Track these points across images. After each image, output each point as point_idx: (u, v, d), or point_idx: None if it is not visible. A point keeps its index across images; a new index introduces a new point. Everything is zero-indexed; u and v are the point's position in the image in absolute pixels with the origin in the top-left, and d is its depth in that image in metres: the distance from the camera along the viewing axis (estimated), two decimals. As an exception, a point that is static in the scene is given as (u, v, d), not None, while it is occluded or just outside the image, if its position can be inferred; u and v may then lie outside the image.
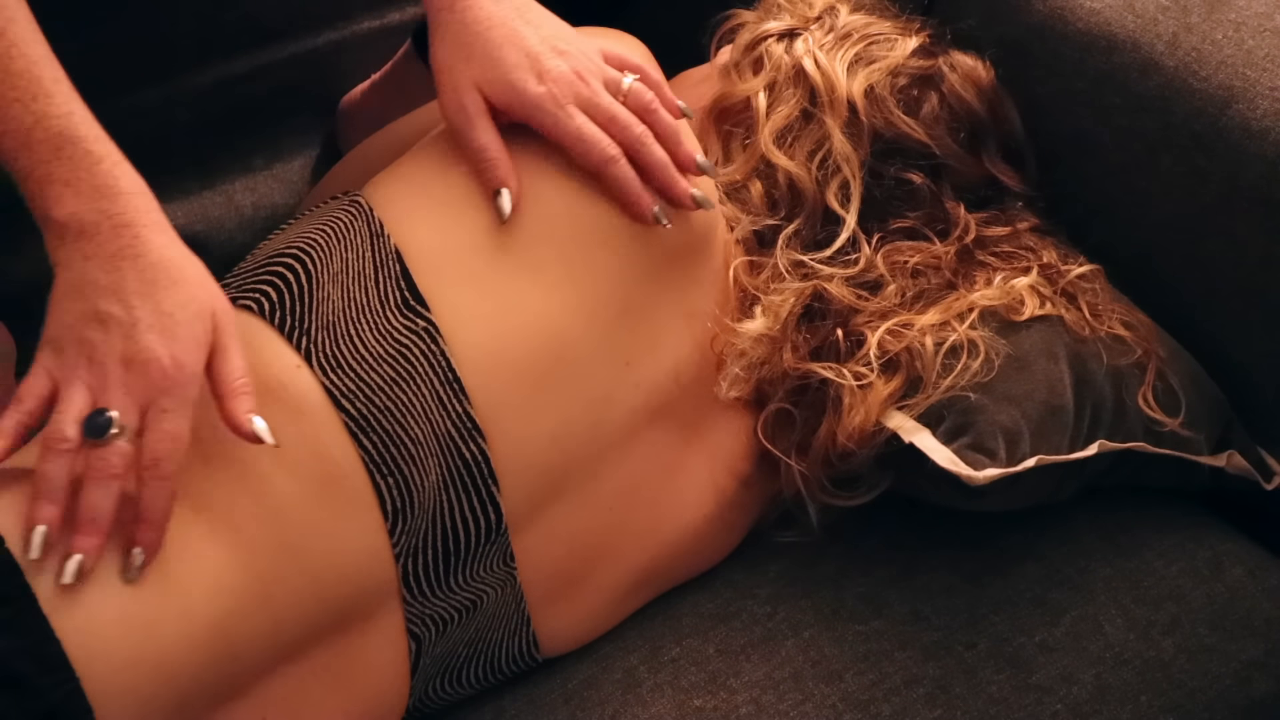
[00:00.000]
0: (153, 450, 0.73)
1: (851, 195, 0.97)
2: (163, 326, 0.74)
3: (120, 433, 0.73)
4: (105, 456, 0.72)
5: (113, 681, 0.72)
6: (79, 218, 0.74)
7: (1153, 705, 0.92)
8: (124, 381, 0.73)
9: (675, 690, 0.92)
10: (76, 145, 0.75)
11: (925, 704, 0.91)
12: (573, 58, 0.87)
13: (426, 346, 0.83)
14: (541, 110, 0.86)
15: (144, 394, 0.73)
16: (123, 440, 0.73)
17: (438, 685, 0.89)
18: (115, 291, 0.74)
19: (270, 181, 1.12)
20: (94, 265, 0.74)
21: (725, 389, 0.94)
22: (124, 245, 0.75)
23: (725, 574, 0.99)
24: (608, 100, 0.87)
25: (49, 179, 0.75)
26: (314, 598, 0.80)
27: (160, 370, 0.73)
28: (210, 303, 0.77)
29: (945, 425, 0.91)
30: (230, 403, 0.76)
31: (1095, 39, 1.06)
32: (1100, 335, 0.96)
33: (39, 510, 0.72)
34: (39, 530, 0.72)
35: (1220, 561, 0.99)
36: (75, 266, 0.75)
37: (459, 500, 0.83)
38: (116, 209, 0.75)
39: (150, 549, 0.74)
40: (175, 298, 0.75)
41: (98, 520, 0.72)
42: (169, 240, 0.77)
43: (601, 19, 0.98)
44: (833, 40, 1.01)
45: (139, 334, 0.73)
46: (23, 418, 0.74)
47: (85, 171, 0.75)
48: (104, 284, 0.74)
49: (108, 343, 0.74)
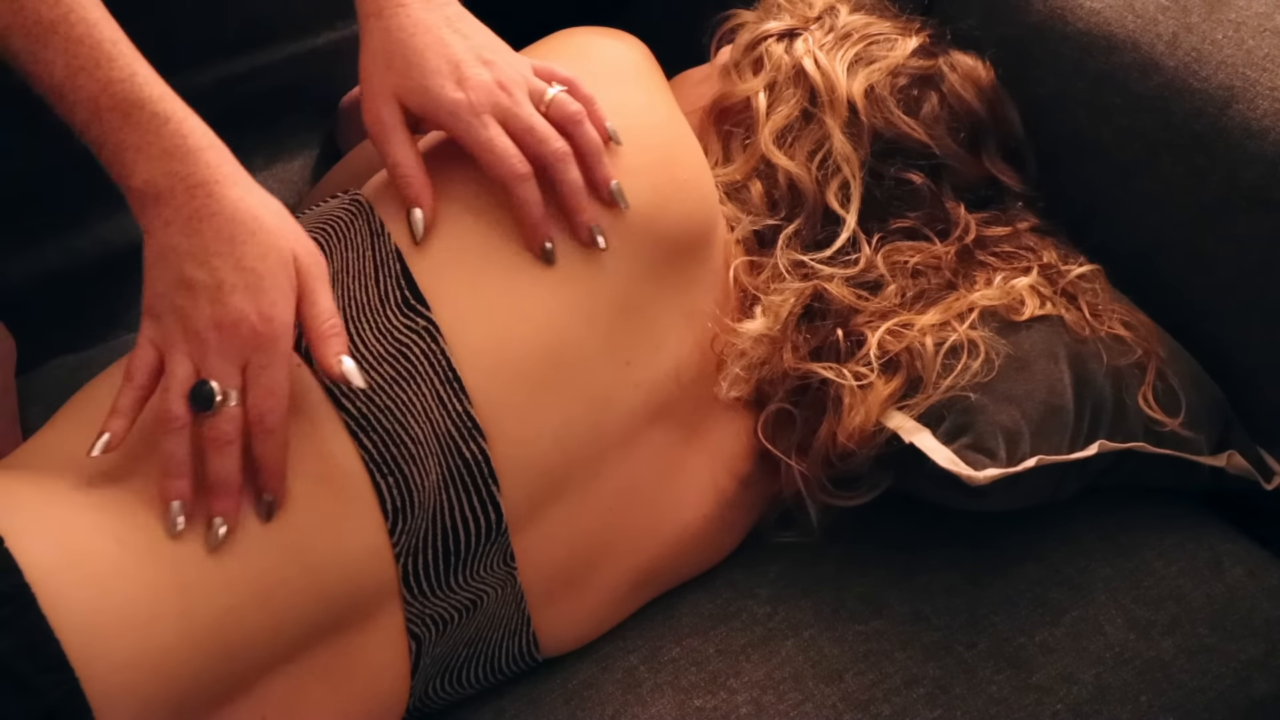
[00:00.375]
0: (256, 408, 0.76)
1: (852, 195, 0.97)
2: (246, 284, 0.75)
3: (224, 399, 0.75)
4: (217, 425, 0.75)
5: (112, 681, 0.71)
6: (154, 183, 0.75)
7: (1153, 705, 0.92)
8: (219, 346, 0.75)
9: (675, 690, 0.92)
10: (143, 109, 0.76)
11: (925, 704, 0.91)
12: (498, 68, 0.85)
13: (427, 346, 0.83)
14: (455, 117, 0.84)
15: (239, 354, 0.75)
16: (229, 405, 0.75)
17: (438, 685, 0.89)
18: (197, 255, 0.75)
19: (270, 181, 1.12)
20: (174, 230, 0.75)
21: (725, 389, 0.94)
22: (199, 206, 0.75)
23: (725, 574, 0.99)
24: (528, 111, 0.85)
25: (121, 146, 0.76)
26: (314, 597, 0.80)
27: (250, 329, 0.75)
28: (291, 247, 0.78)
29: (945, 425, 0.91)
30: (320, 346, 0.78)
31: (1095, 39, 1.06)
32: (1100, 335, 0.96)
33: (170, 487, 0.75)
34: (175, 505, 0.75)
35: (1220, 561, 0.99)
36: (158, 233, 0.76)
37: (459, 500, 0.83)
38: (187, 169, 0.76)
39: (278, 495, 0.77)
40: (255, 251, 0.76)
41: (227, 483, 0.76)
42: (243, 191, 0.77)
43: (601, 19, 0.99)
44: (833, 40, 1.01)
45: (224, 296, 0.75)
46: (137, 393, 0.77)
47: (153, 135, 0.76)
48: (185, 248, 0.75)
49: (197, 309, 0.75)
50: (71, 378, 0.92)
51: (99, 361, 0.90)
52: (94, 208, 1.05)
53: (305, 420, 0.80)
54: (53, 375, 1.01)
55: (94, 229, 1.04)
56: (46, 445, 0.81)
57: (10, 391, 0.99)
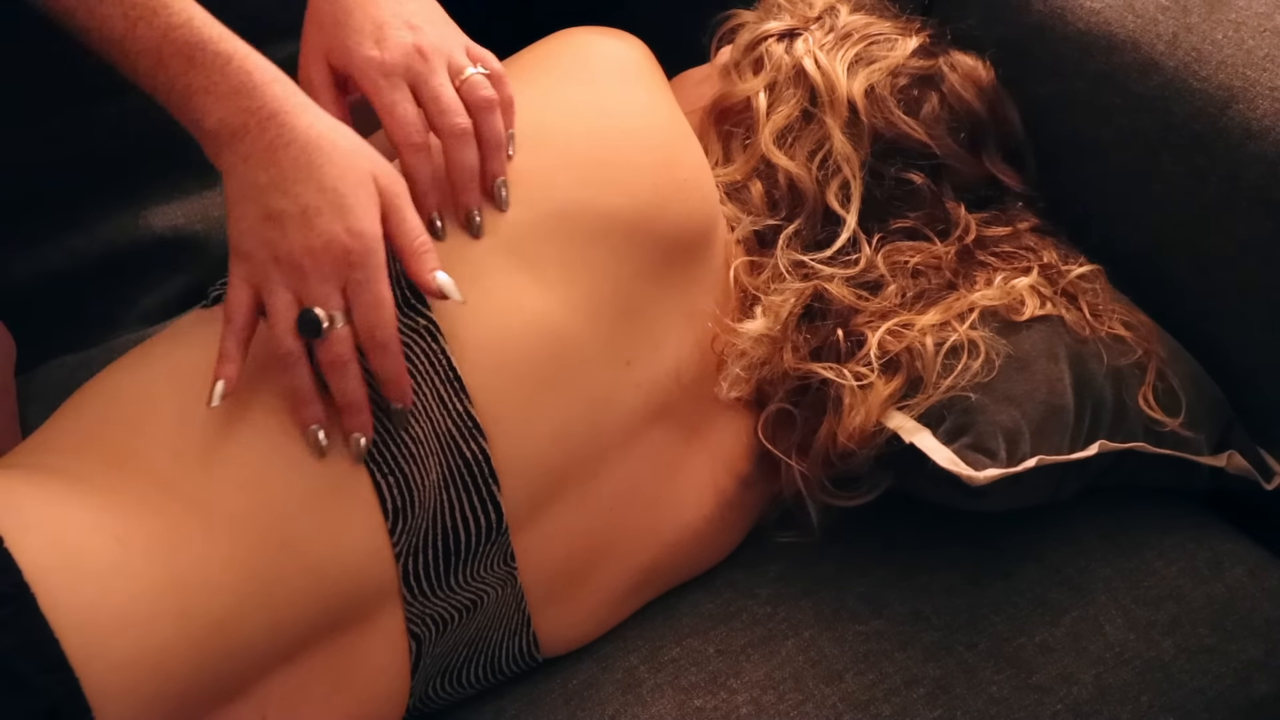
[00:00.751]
0: (364, 324, 0.77)
1: (852, 195, 0.97)
2: (331, 205, 0.76)
3: (332, 323, 0.77)
4: (330, 349, 0.77)
5: (112, 681, 0.71)
6: (226, 122, 0.76)
7: (1153, 705, 0.92)
8: (315, 271, 0.76)
9: (675, 690, 0.92)
10: (205, 50, 0.76)
11: (925, 704, 0.91)
12: (422, 34, 0.85)
13: (427, 345, 0.83)
14: (366, 75, 0.84)
15: (337, 275, 0.77)
16: (337, 327, 0.77)
17: (438, 685, 0.89)
18: (277, 185, 0.76)
19: (270, 181, 1.12)
20: (252, 165, 0.76)
21: (726, 389, 0.94)
22: (273, 137, 0.76)
23: (725, 574, 0.99)
24: (439, 81, 0.85)
25: (189, 90, 0.77)
26: (314, 597, 0.79)
27: (343, 248, 0.76)
28: (369, 167, 0.79)
29: (946, 425, 0.91)
30: (415, 262, 0.79)
31: (1095, 39, 1.06)
32: (1101, 335, 0.96)
33: (305, 414, 0.78)
34: (313, 429, 0.78)
35: (1220, 561, 0.99)
36: (237, 171, 0.77)
37: (459, 499, 0.83)
38: (257, 104, 0.76)
39: (405, 402, 0.80)
40: (334, 172, 0.77)
41: (355, 401, 0.78)
42: (314, 118, 0.78)
43: (601, 19, 0.98)
44: (833, 40, 1.01)
45: (312, 220, 0.76)
46: (241, 335, 0.78)
47: (219, 74, 0.76)
48: (265, 181, 0.76)
49: (287, 238, 0.76)
50: (71, 378, 0.92)
51: (99, 361, 0.90)
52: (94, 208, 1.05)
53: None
54: (53, 375, 1.01)
55: (94, 229, 1.04)
56: (46, 444, 0.81)
57: (10, 391, 0.99)
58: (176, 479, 0.77)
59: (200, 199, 1.09)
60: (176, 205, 1.07)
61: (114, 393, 0.81)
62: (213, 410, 0.77)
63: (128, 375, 0.83)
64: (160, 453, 0.78)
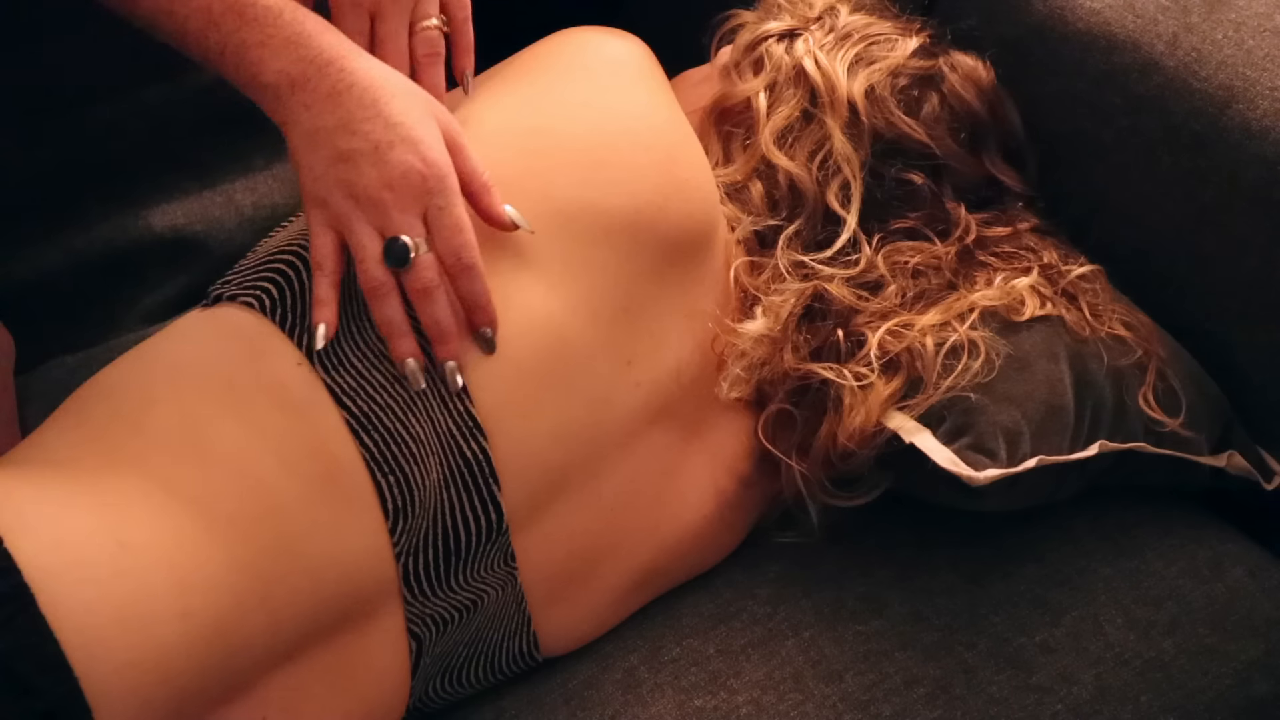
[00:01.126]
0: (448, 247, 0.80)
1: (852, 196, 0.97)
2: (401, 137, 0.78)
3: (418, 249, 0.79)
4: (418, 275, 0.79)
5: (112, 681, 0.71)
6: (286, 73, 0.78)
7: (1153, 705, 0.92)
8: (396, 202, 0.78)
9: (675, 690, 0.92)
10: (255, 5, 0.78)
11: (925, 704, 0.91)
12: None
13: (428, 344, 0.83)
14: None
15: (416, 203, 0.79)
16: (423, 253, 0.79)
17: (438, 685, 0.89)
18: (344, 127, 0.78)
19: (270, 181, 1.12)
20: (316, 112, 0.78)
21: (726, 389, 0.94)
22: (333, 82, 0.78)
23: (725, 574, 0.99)
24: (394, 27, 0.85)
25: (244, 46, 0.78)
26: (314, 597, 0.79)
27: (419, 176, 0.78)
28: (428, 104, 0.81)
29: (946, 426, 0.91)
30: (484, 198, 0.82)
31: (1095, 39, 1.06)
32: (1101, 335, 0.96)
33: (400, 348, 0.80)
34: (410, 362, 0.81)
35: (1220, 561, 0.99)
36: (301, 119, 0.79)
37: (460, 499, 0.83)
38: (313, 52, 0.78)
39: (494, 325, 0.82)
40: (398, 106, 0.79)
41: (446, 329, 0.81)
42: (367, 62, 0.80)
43: (602, 19, 0.98)
44: (833, 41, 1.01)
45: (385, 154, 0.78)
46: (332, 278, 0.80)
47: (272, 27, 0.78)
48: (332, 124, 0.78)
49: (362, 175, 0.78)
50: (71, 378, 0.92)
51: (99, 361, 0.90)
52: (94, 208, 1.05)
53: (305, 418, 0.80)
54: (52, 375, 1.01)
55: (94, 229, 1.04)
56: (45, 444, 0.81)
57: (9, 391, 0.99)
58: (176, 479, 0.77)
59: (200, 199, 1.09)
60: (176, 205, 1.07)
61: (114, 392, 0.81)
62: (213, 410, 0.77)
63: (128, 374, 0.83)
64: (160, 452, 0.78)
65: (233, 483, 0.78)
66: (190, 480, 0.77)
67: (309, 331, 0.81)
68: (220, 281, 0.86)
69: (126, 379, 0.82)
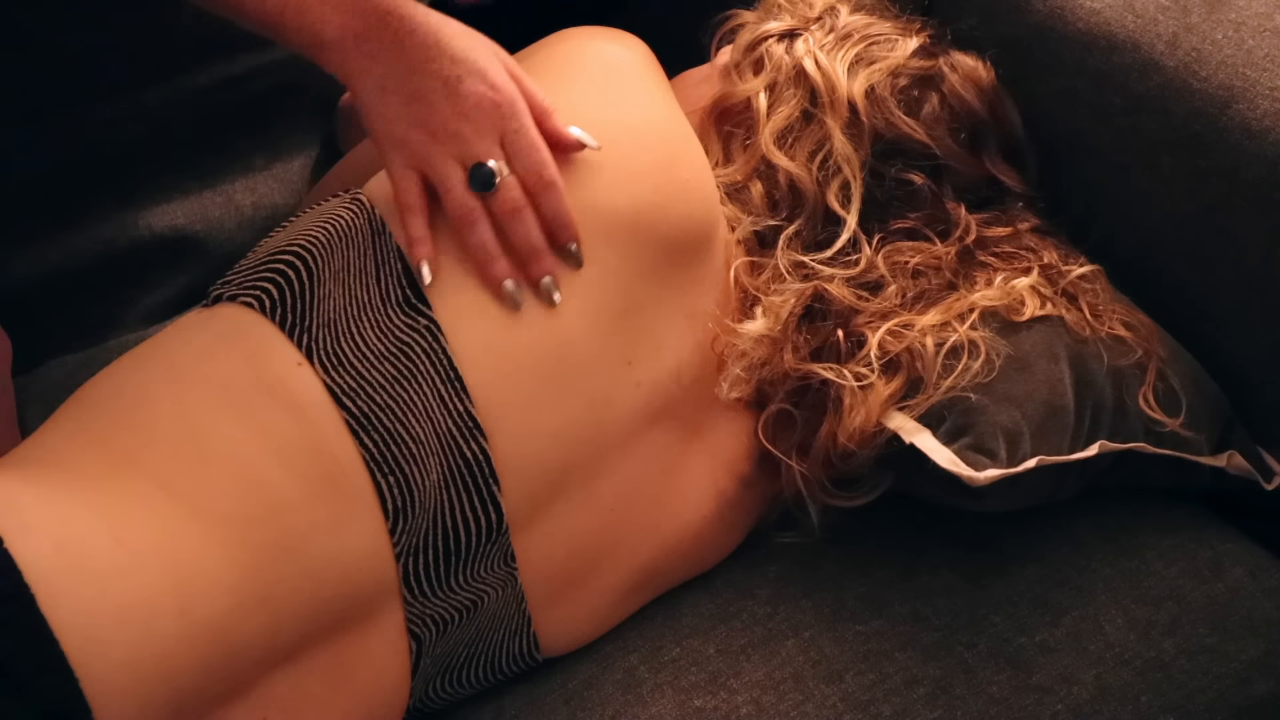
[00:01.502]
0: (528, 167, 0.83)
1: (852, 196, 0.97)
2: (468, 70, 0.82)
3: (501, 172, 0.83)
4: (504, 197, 0.83)
5: (111, 681, 0.71)
6: (348, 28, 0.81)
7: (1153, 705, 0.92)
8: (473, 131, 0.81)
9: (675, 690, 0.92)
10: None
11: (925, 704, 0.91)
12: None
13: (428, 344, 0.83)
14: None
15: (493, 130, 0.82)
16: (506, 175, 0.83)
17: (438, 685, 0.89)
18: (413, 67, 0.81)
19: (270, 181, 1.12)
20: (383, 59, 0.81)
21: (726, 390, 0.94)
22: (395, 28, 0.81)
23: (725, 574, 0.99)
24: None
25: (303, 7, 0.81)
26: (314, 597, 0.79)
27: (492, 103, 0.82)
28: (486, 41, 0.85)
29: (946, 426, 0.91)
30: (548, 121, 0.85)
31: (1095, 39, 1.06)
32: (1101, 335, 0.96)
33: (493, 271, 0.83)
34: (508, 284, 0.83)
35: (1220, 561, 0.99)
36: (368, 69, 0.82)
37: (460, 499, 0.83)
38: (371, 5, 0.81)
39: (577, 240, 0.85)
40: (461, 44, 0.82)
41: (536, 248, 0.84)
42: (423, 8, 0.83)
43: (601, 19, 0.98)
44: (833, 41, 1.01)
45: (455, 87, 0.81)
46: (422, 215, 0.83)
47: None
48: (399, 69, 0.81)
49: (436, 111, 0.81)
50: (71, 378, 0.92)
51: (99, 361, 0.90)
52: (94, 207, 1.05)
53: (305, 418, 0.80)
54: (52, 375, 1.01)
55: (94, 229, 1.04)
56: (46, 444, 0.81)
57: (8, 391, 0.99)
58: (176, 479, 0.77)
59: (200, 199, 1.09)
60: (176, 205, 1.07)
61: (114, 392, 0.81)
62: (212, 410, 0.77)
63: (128, 375, 0.83)
64: (160, 453, 0.78)
65: (232, 483, 0.78)
66: (190, 480, 0.77)
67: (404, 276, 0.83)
68: (220, 281, 0.86)
69: (126, 379, 0.82)
